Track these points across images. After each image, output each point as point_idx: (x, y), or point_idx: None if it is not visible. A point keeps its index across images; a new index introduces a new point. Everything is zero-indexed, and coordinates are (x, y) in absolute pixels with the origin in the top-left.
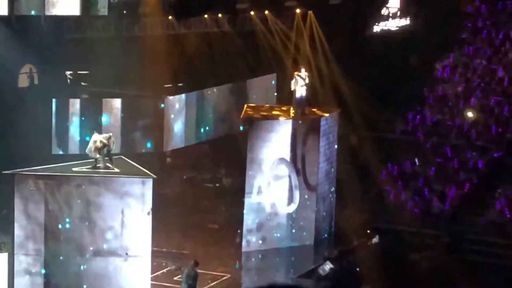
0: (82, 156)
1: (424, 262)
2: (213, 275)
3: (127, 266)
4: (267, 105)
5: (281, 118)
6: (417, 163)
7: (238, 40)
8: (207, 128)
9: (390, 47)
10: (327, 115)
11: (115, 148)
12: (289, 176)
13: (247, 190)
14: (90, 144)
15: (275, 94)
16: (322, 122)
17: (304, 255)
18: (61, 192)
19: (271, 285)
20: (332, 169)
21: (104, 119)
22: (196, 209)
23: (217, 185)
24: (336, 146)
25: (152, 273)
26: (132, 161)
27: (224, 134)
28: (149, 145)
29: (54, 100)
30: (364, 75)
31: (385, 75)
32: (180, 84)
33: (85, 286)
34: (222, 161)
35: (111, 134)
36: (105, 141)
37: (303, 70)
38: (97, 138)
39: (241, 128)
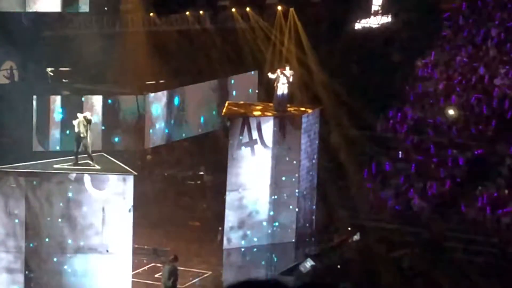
0: (63, 153)
1: (404, 259)
2: (194, 272)
3: (108, 263)
4: (248, 102)
5: (262, 115)
6: (401, 155)
7: (219, 37)
8: (188, 125)
9: (371, 44)
10: (308, 112)
11: (96, 144)
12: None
13: (228, 187)
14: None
15: (257, 91)
16: (303, 119)
17: (285, 252)
18: (42, 189)
19: (247, 281)
20: (313, 167)
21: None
22: (177, 206)
23: (198, 182)
24: (317, 143)
25: (133, 270)
26: (113, 158)
27: (205, 131)
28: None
29: (34, 97)
30: (345, 73)
31: (366, 72)
32: (161, 81)
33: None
34: (203, 158)
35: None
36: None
37: (287, 68)
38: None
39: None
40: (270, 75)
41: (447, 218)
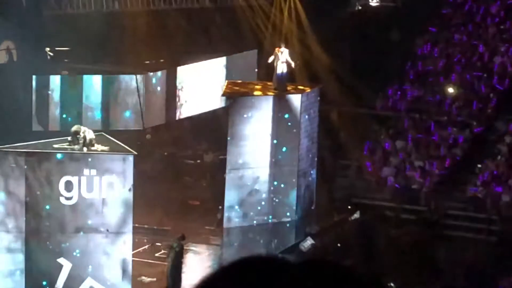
0: (62, 132)
1: (404, 237)
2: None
3: (108, 243)
4: (248, 81)
5: (262, 94)
6: (400, 134)
7: (218, 16)
8: (187, 104)
9: (371, 22)
10: (308, 91)
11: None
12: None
13: (228, 166)
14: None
15: (256, 70)
16: (303, 98)
17: (285, 231)
18: (41, 168)
19: (249, 257)
20: (313, 145)
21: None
22: (177, 185)
23: (198, 161)
24: (317, 122)
25: (133, 249)
26: (112, 137)
27: (205, 110)
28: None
29: (34, 76)
30: (345, 51)
31: (365, 50)
32: (161, 60)
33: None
34: (203, 138)
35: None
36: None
37: (283, 46)
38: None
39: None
40: (270, 59)
41: (447, 196)
